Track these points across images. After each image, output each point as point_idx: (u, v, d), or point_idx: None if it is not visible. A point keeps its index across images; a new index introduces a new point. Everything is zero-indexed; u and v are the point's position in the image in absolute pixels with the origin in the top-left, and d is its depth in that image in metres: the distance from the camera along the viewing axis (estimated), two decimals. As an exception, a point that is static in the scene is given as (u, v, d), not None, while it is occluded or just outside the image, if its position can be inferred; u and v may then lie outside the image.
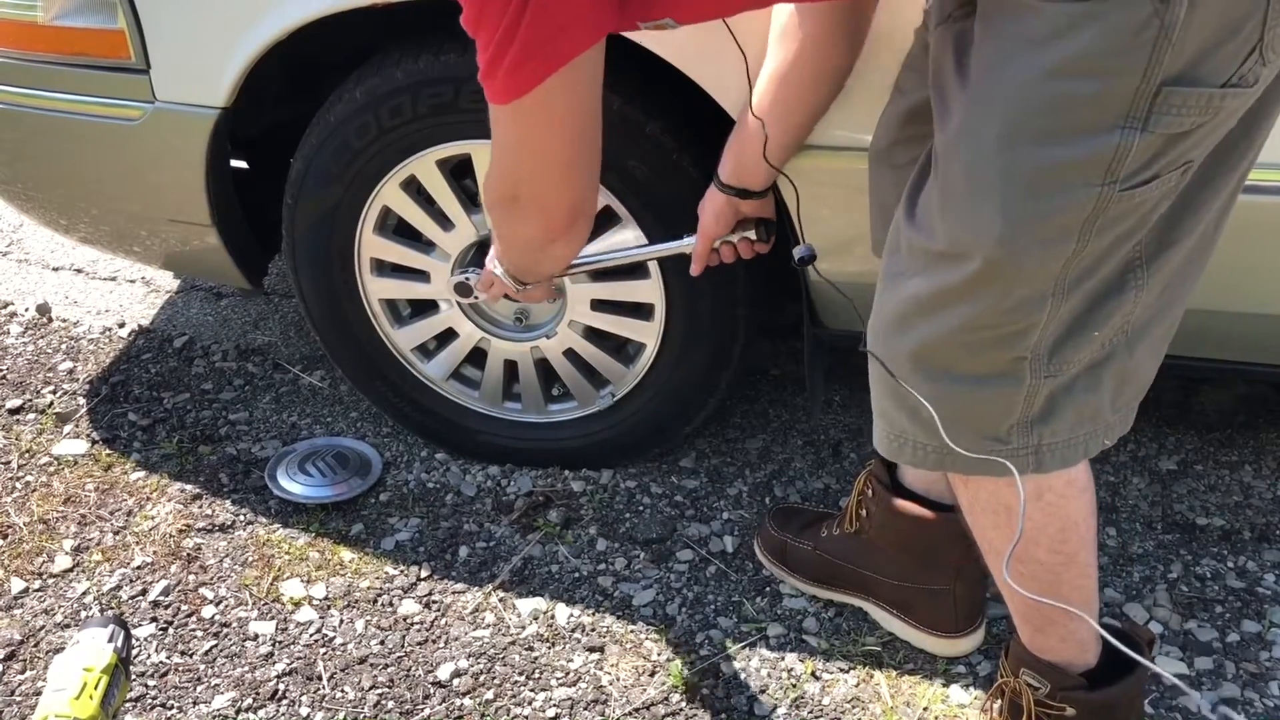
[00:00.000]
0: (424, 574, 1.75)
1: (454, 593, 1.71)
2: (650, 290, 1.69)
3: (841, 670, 1.57)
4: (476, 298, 1.73)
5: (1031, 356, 1.07)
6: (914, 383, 1.12)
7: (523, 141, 1.14)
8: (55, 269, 2.64)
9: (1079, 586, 1.25)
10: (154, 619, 1.68)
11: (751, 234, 1.53)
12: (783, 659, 1.59)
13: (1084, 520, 1.22)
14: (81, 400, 2.15)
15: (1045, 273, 1.02)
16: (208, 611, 1.69)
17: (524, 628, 1.65)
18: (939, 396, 1.11)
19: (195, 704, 1.55)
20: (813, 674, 1.56)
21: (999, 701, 1.38)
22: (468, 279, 1.70)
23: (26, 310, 2.46)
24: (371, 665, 1.60)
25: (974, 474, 1.16)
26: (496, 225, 1.33)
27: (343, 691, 1.56)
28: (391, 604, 1.70)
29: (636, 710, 1.53)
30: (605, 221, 1.66)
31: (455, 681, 1.57)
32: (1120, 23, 0.89)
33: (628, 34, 1.43)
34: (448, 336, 1.87)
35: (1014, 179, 0.98)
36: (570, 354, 1.82)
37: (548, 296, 1.55)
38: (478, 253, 1.73)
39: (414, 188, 1.70)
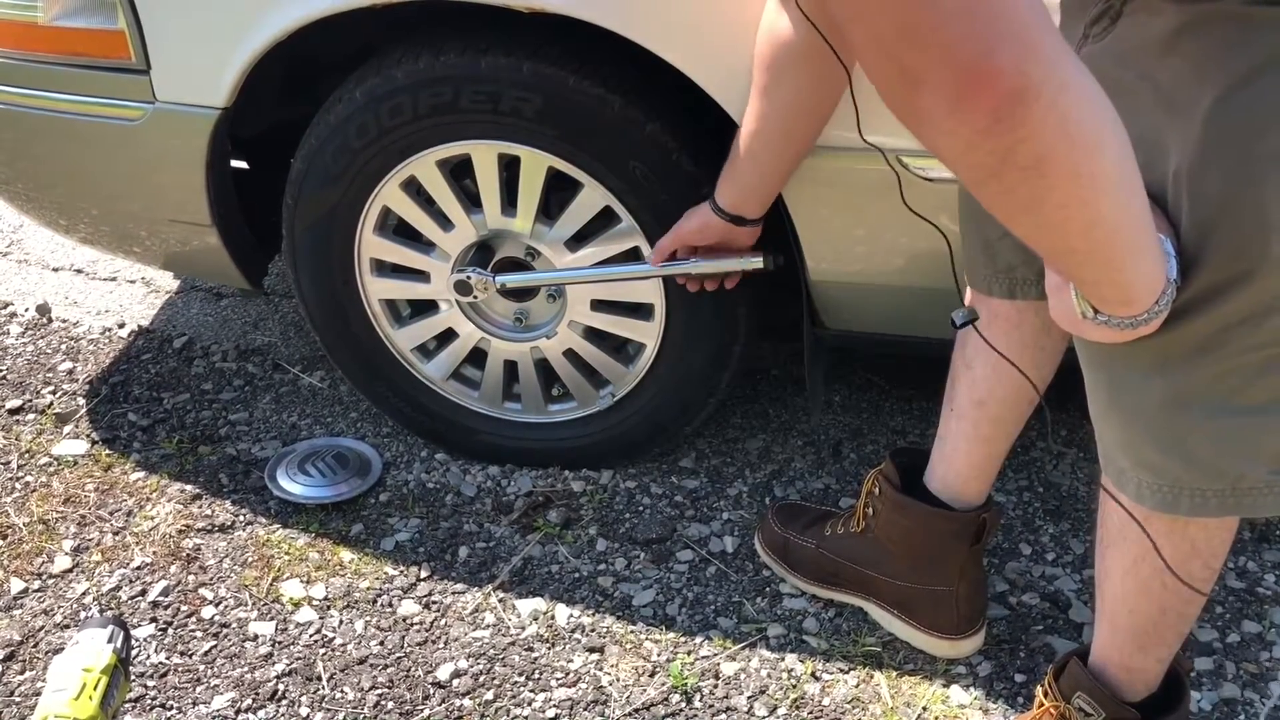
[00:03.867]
0: (424, 574, 1.75)
1: (454, 593, 1.71)
2: (650, 290, 1.69)
3: (841, 670, 1.57)
4: (476, 297, 1.73)
5: None
6: (1181, 425, 1.04)
7: None
8: (55, 269, 2.64)
9: (1200, 605, 1.24)
10: (154, 619, 1.68)
11: (759, 262, 1.52)
12: (783, 659, 1.59)
13: (1233, 533, 1.19)
14: (81, 400, 2.15)
15: None
16: (207, 612, 1.69)
17: (524, 628, 1.65)
18: (1217, 434, 1.04)
19: (195, 704, 1.55)
20: (813, 674, 1.56)
21: None
22: (468, 277, 1.70)
23: (26, 310, 2.46)
24: (371, 665, 1.60)
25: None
26: (926, 136, 0.78)
27: (342, 692, 1.56)
28: (391, 604, 1.70)
29: (636, 710, 1.53)
30: (605, 221, 1.66)
31: (455, 682, 1.57)
32: None
33: (629, 35, 1.43)
34: (448, 337, 1.87)
35: None
36: (570, 354, 1.82)
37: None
38: (478, 252, 1.73)
39: (414, 188, 1.70)
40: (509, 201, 1.67)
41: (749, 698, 1.53)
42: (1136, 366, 1.05)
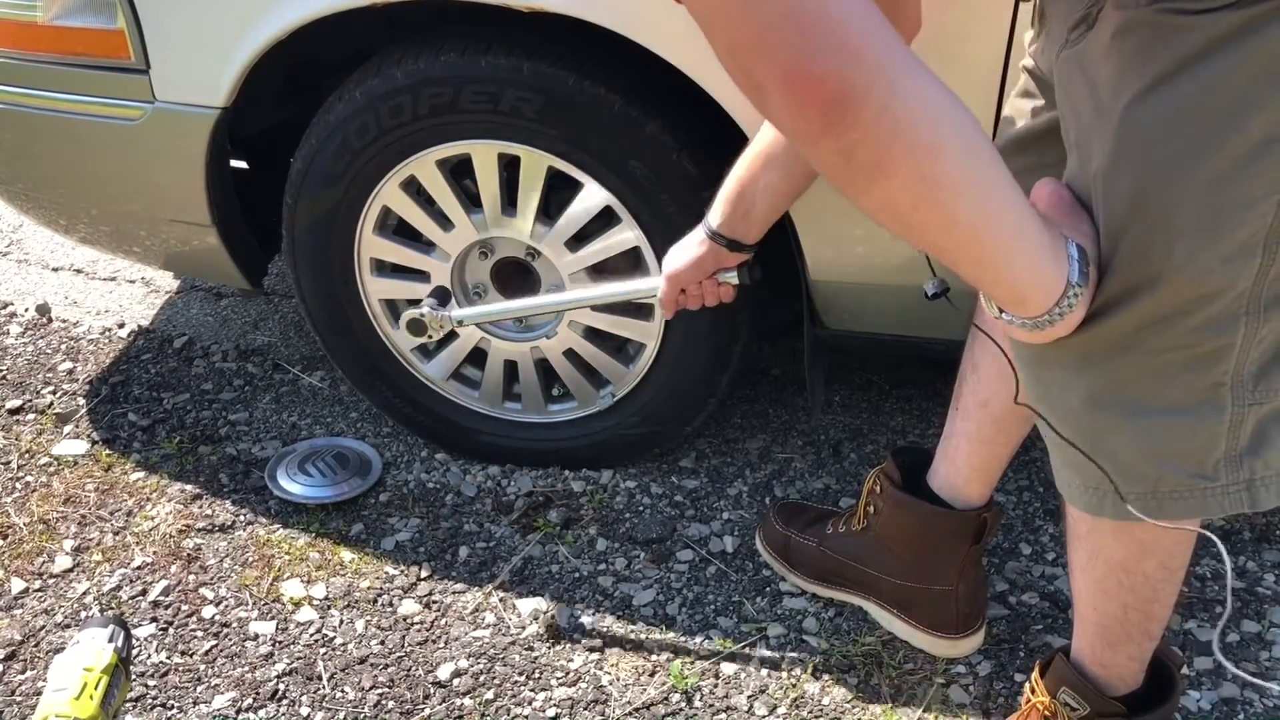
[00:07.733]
0: (424, 574, 1.75)
1: (454, 593, 1.71)
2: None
3: (841, 670, 1.57)
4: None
5: (1232, 382, 0.99)
6: (1102, 425, 1.04)
7: None
8: (55, 269, 2.64)
9: (1167, 605, 1.24)
10: (154, 619, 1.68)
11: (734, 278, 1.44)
12: (783, 659, 1.59)
13: (1194, 535, 1.18)
14: (81, 400, 2.15)
15: (1234, 290, 0.94)
16: (208, 611, 1.69)
17: (524, 628, 1.65)
18: (1137, 434, 1.03)
19: (195, 704, 1.55)
20: (813, 674, 1.56)
21: None
22: (422, 315, 1.67)
23: (26, 310, 2.46)
24: (371, 665, 1.60)
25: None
26: (785, 137, 0.85)
27: (343, 691, 1.57)
28: (391, 604, 1.70)
29: (636, 710, 1.53)
30: (605, 221, 1.66)
31: (455, 681, 1.57)
32: None
33: (629, 35, 1.43)
34: (448, 337, 1.86)
35: (1187, 201, 0.91)
36: (570, 354, 1.82)
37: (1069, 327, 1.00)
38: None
39: (414, 188, 1.70)
40: (509, 201, 1.67)
41: (749, 697, 1.54)
42: (1060, 366, 1.06)
